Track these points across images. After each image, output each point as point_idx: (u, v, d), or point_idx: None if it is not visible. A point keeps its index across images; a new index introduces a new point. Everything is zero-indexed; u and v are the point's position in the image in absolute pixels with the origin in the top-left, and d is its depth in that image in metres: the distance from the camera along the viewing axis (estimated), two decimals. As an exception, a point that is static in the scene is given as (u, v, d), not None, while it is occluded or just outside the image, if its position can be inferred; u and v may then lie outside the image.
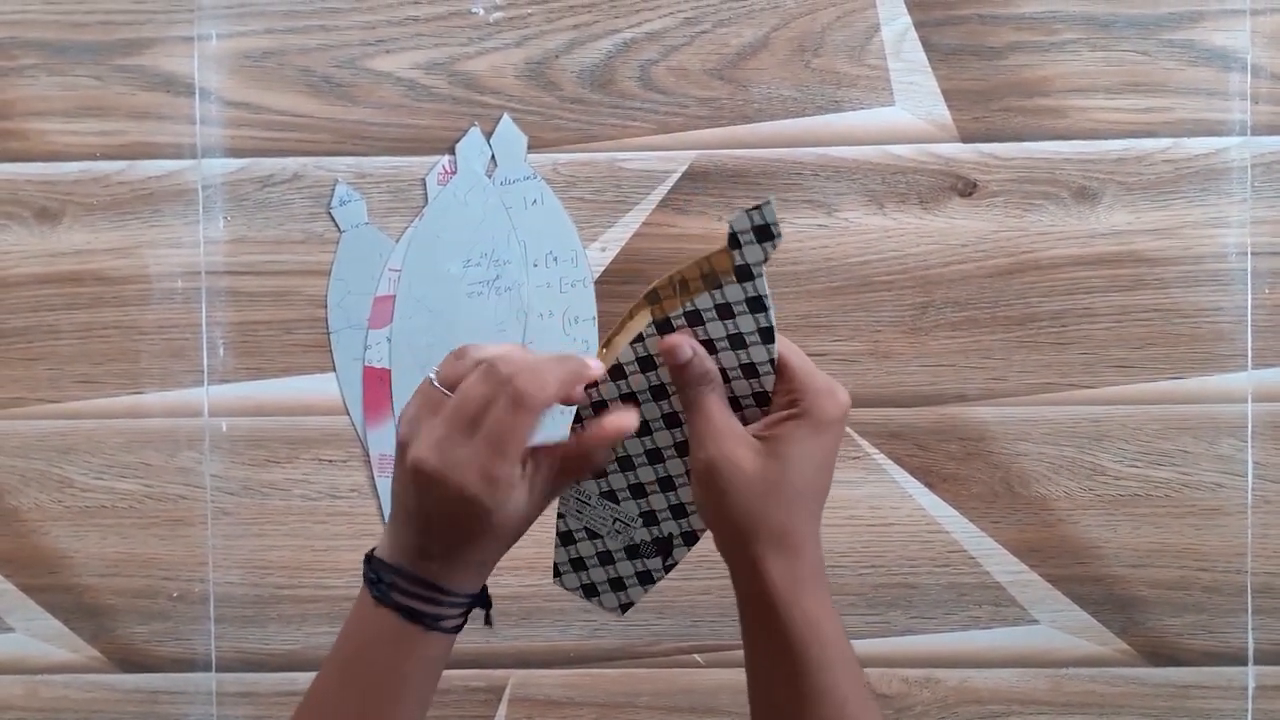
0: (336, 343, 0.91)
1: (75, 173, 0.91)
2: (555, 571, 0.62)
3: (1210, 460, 0.89)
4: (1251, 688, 0.89)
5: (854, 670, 0.55)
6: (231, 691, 0.91)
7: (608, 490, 0.59)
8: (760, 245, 0.53)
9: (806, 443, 0.54)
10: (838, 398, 0.55)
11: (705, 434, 0.54)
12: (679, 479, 0.58)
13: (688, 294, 0.54)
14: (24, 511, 0.92)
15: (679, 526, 0.59)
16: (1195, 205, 0.88)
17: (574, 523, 0.60)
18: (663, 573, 0.60)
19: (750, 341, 0.55)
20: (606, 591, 0.61)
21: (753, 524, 0.54)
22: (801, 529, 0.54)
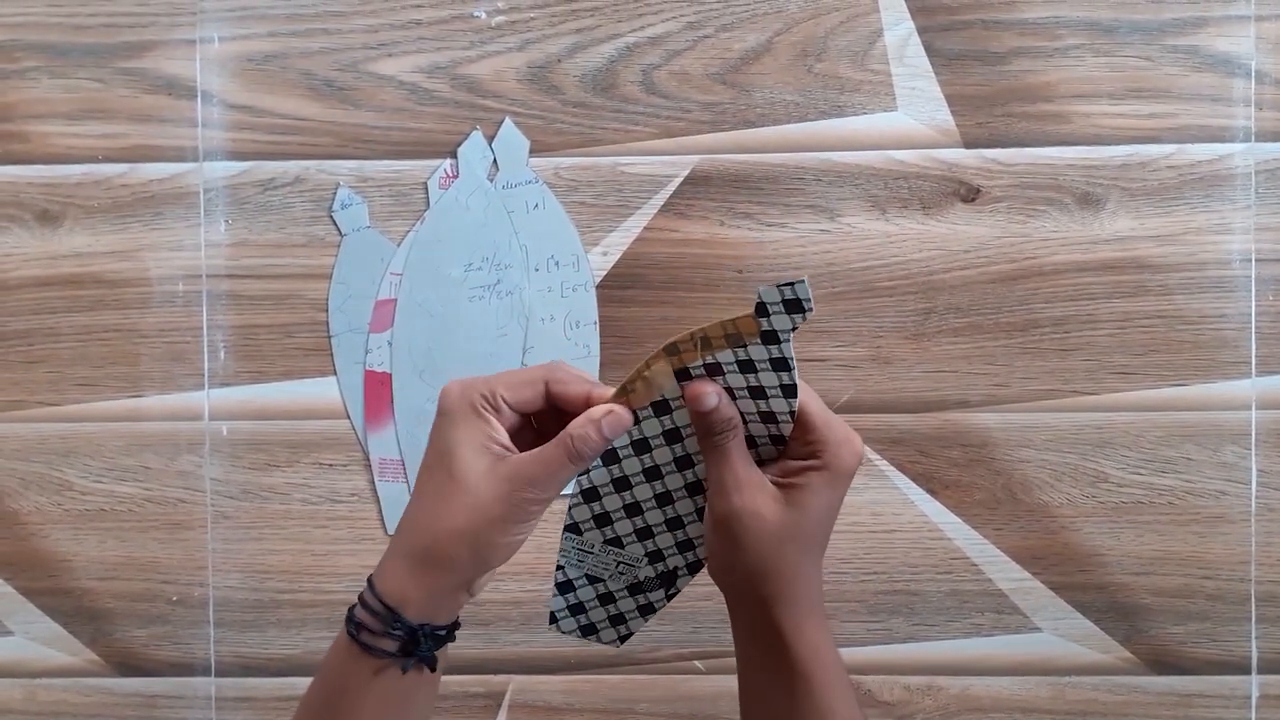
0: (337, 346, 0.90)
1: (77, 175, 0.91)
2: (551, 619, 0.62)
3: (1214, 468, 0.88)
4: (1255, 697, 0.89)
5: (850, 698, 0.58)
6: (230, 696, 0.91)
7: (612, 537, 0.58)
8: (789, 316, 0.53)
9: (824, 493, 0.56)
10: (854, 448, 0.56)
11: (728, 483, 0.55)
12: (688, 517, 0.58)
13: (709, 350, 0.54)
14: (23, 514, 0.91)
15: (684, 559, 0.59)
16: (1199, 211, 0.88)
17: (574, 571, 0.60)
18: (664, 602, 0.61)
19: (771, 394, 0.55)
20: (606, 628, 0.61)
21: (767, 569, 0.56)
22: (810, 570, 0.57)
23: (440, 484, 0.54)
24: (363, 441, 0.90)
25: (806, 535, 0.56)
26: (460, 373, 0.89)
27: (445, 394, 0.55)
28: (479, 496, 0.53)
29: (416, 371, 0.90)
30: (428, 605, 0.54)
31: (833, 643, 0.57)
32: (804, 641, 0.56)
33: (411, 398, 0.90)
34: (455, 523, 0.53)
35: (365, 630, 0.54)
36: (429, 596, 0.54)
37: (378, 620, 0.54)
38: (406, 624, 0.54)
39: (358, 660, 0.54)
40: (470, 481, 0.53)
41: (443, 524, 0.54)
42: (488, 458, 0.54)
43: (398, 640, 0.54)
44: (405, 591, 0.54)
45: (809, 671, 0.56)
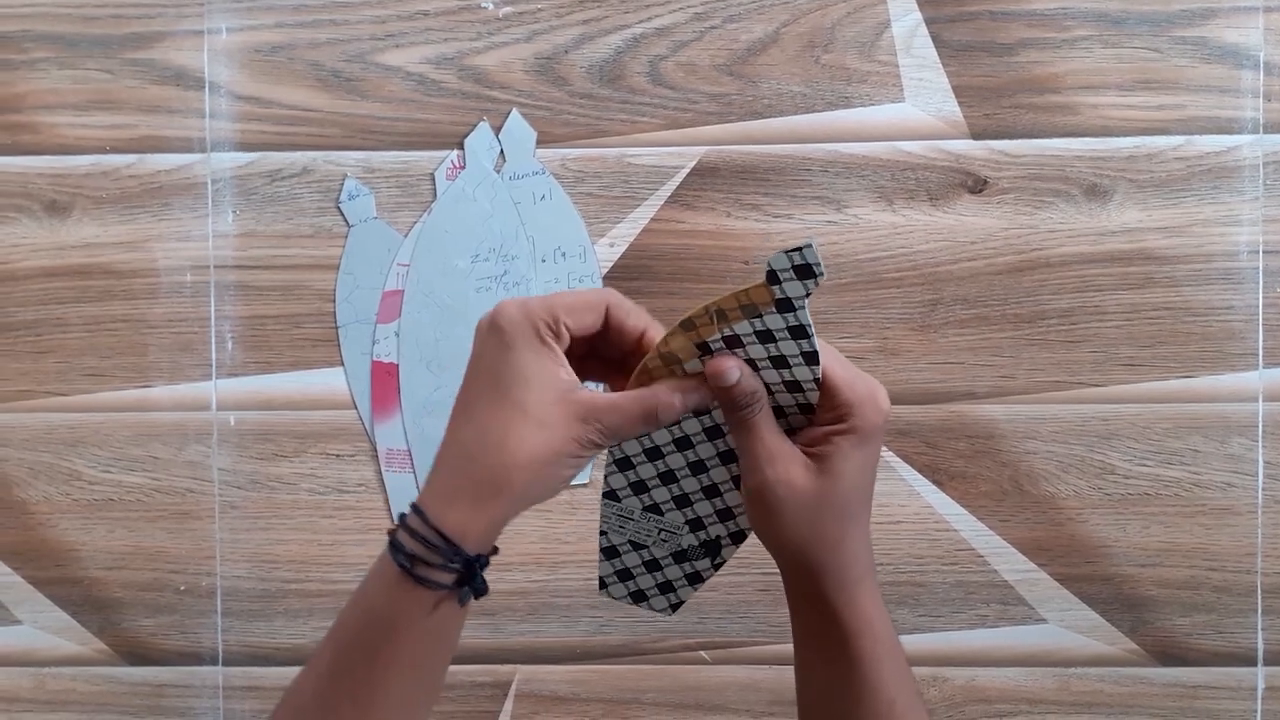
0: (344, 337, 0.91)
1: (85, 166, 0.91)
2: (601, 584, 0.61)
3: (1220, 459, 0.88)
4: (1261, 688, 0.89)
5: (903, 669, 0.56)
6: (238, 685, 0.92)
7: (650, 504, 0.58)
8: (801, 282, 0.52)
9: (855, 455, 0.54)
10: (879, 404, 0.55)
11: (758, 456, 0.54)
12: (724, 485, 0.58)
13: (725, 322, 0.53)
14: (32, 504, 0.92)
15: (726, 528, 0.59)
16: (1207, 203, 0.88)
17: (617, 538, 0.59)
18: (711, 571, 0.60)
19: (794, 363, 0.54)
20: (655, 595, 0.61)
21: (808, 538, 0.55)
22: (854, 534, 0.55)
23: (506, 414, 0.51)
24: (370, 432, 0.91)
25: (844, 501, 0.55)
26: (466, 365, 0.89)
27: (503, 314, 0.52)
28: (552, 430, 0.51)
29: (424, 362, 0.90)
30: (486, 536, 0.52)
31: (885, 613, 0.56)
32: (854, 612, 0.55)
33: (418, 388, 0.90)
34: (526, 455, 0.51)
35: (420, 562, 0.51)
36: (490, 527, 0.52)
37: (434, 552, 0.51)
38: (465, 556, 0.51)
39: (409, 592, 0.51)
40: (541, 414, 0.51)
41: (511, 455, 0.51)
42: (557, 389, 0.51)
43: (454, 572, 0.51)
44: (465, 524, 0.51)
45: (859, 643, 0.55)
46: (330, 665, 0.54)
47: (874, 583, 0.56)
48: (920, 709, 0.56)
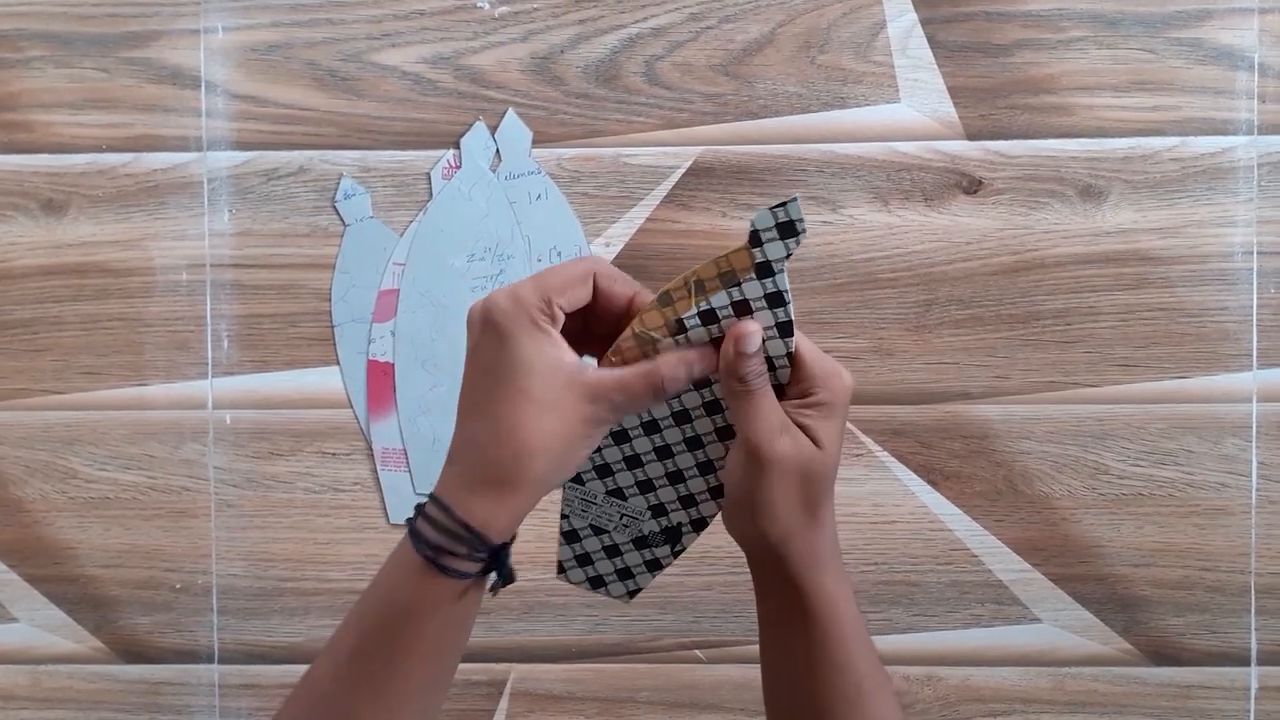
0: (340, 336, 0.91)
1: (81, 164, 0.91)
2: (560, 569, 0.61)
3: (1214, 460, 0.88)
4: (1254, 688, 0.89)
5: (870, 650, 0.57)
6: (234, 683, 0.92)
7: (614, 489, 0.58)
8: (783, 241, 0.52)
9: (827, 426, 0.55)
10: (844, 380, 0.56)
11: (773, 425, 0.54)
12: (688, 471, 0.58)
13: (703, 294, 0.53)
14: (28, 502, 0.92)
15: (688, 515, 0.59)
16: (1201, 204, 0.88)
17: (579, 521, 0.60)
18: (671, 559, 0.60)
19: (769, 336, 0.55)
20: (614, 581, 0.61)
21: (790, 506, 0.55)
22: (824, 504, 0.56)
23: (516, 404, 0.51)
24: (365, 431, 0.91)
25: (827, 474, 0.55)
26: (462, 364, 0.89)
27: (495, 306, 0.52)
28: (564, 415, 0.51)
29: (419, 361, 0.90)
30: (511, 526, 0.52)
31: (851, 596, 0.57)
32: (823, 594, 0.55)
33: (414, 388, 0.90)
34: (541, 442, 0.51)
35: (445, 553, 0.51)
36: (514, 518, 0.52)
37: (460, 543, 0.51)
38: (492, 546, 0.51)
39: (432, 581, 0.52)
40: (551, 400, 0.51)
41: (526, 444, 0.51)
42: (563, 373, 0.51)
43: (480, 562, 0.52)
44: (489, 515, 0.51)
45: (826, 624, 0.55)
46: (350, 652, 0.54)
47: (839, 563, 0.57)
48: (888, 689, 0.57)
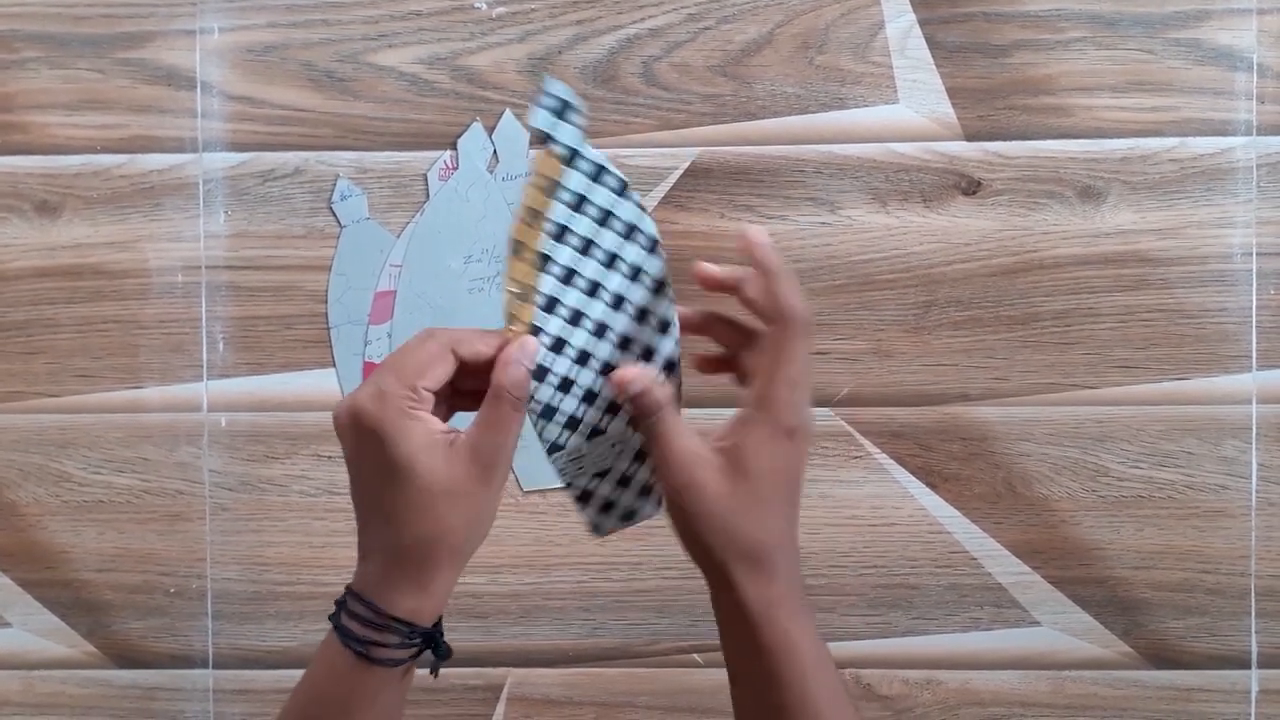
0: (337, 338, 0.90)
1: (76, 166, 0.91)
2: (593, 529, 0.60)
3: (1214, 462, 0.88)
4: (1255, 691, 0.89)
5: (833, 689, 0.54)
6: (228, 688, 0.91)
7: (591, 429, 0.57)
8: (568, 123, 0.52)
9: (766, 450, 0.53)
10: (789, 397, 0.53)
11: (666, 462, 0.53)
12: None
13: (540, 218, 0.53)
14: (22, 506, 0.91)
15: None
16: (1200, 205, 0.88)
17: (582, 479, 0.58)
18: None
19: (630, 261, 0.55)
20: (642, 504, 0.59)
21: (723, 543, 0.53)
22: (773, 543, 0.53)
23: (409, 496, 0.52)
24: (362, 433, 0.90)
25: (759, 502, 0.53)
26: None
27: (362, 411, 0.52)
28: (456, 489, 0.51)
29: (416, 363, 0.90)
30: (438, 606, 0.53)
31: (812, 633, 0.54)
32: (774, 630, 0.53)
33: (411, 390, 0.90)
34: (445, 523, 0.52)
35: (378, 646, 0.52)
36: (440, 598, 0.52)
37: (391, 634, 0.52)
38: (425, 632, 0.52)
39: (368, 673, 0.52)
40: (440, 480, 0.51)
41: (433, 530, 0.52)
42: (441, 450, 0.51)
43: (414, 648, 0.52)
44: (416, 604, 0.52)
45: (780, 661, 0.53)
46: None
47: (799, 601, 0.54)
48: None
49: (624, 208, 0.55)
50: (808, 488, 0.89)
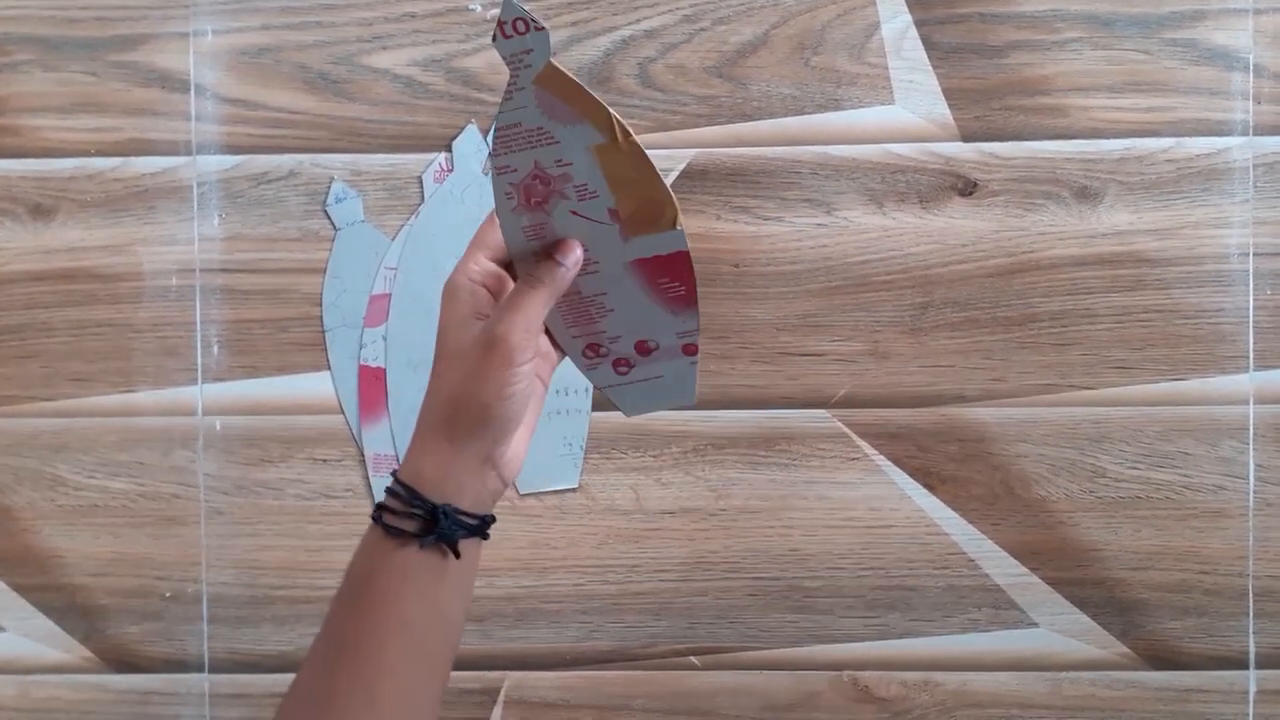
0: (332, 341, 0.90)
1: (69, 169, 0.90)
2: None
3: (1212, 463, 0.88)
4: (1253, 691, 0.89)
5: None
6: (224, 693, 0.91)
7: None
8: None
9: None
10: None
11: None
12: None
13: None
14: (16, 510, 0.91)
15: None
16: (1197, 206, 0.88)
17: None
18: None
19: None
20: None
21: None
22: None
23: (437, 366, 0.56)
24: (357, 437, 0.90)
25: None
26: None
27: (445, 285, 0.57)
28: (466, 358, 0.55)
29: (411, 366, 0.90)
30: (446, 481, 0.55)
31: None
32: None
33: (406, 393, 0.89)
34: (453, 391, 0.55)
35: (387, 511, 0.55)
36: (445, 470, 0.55)
37: (399, 501, 0.55)
38: (426, 502, 0.54)
39: (383, 544, 0.55)
40: (458, 349, 0.55)
41: (443, 395, 0.55)
42: (469, 323, 0.56)
43: (417, 520, 0.55)
44: (421, 469, 0.55)
45: None
46: (323, 632, 0.56)
47: None
48: None
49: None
50: (805, 489, 0.89)
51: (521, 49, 0.52)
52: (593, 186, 0.55)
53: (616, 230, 0.56)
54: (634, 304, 0.58)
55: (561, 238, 0.56)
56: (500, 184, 0.55)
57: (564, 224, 0.56)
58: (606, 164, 0.54)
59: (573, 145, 0.54)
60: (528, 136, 0.54)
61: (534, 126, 0.54)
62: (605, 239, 0.56)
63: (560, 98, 0.53)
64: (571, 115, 0.53)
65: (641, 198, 0.55)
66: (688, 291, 0.58)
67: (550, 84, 0.53)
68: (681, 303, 0.58)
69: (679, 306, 0.58)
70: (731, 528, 0.89)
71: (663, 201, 0.55)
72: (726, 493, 0.89)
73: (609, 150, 0.54)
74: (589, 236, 0.56)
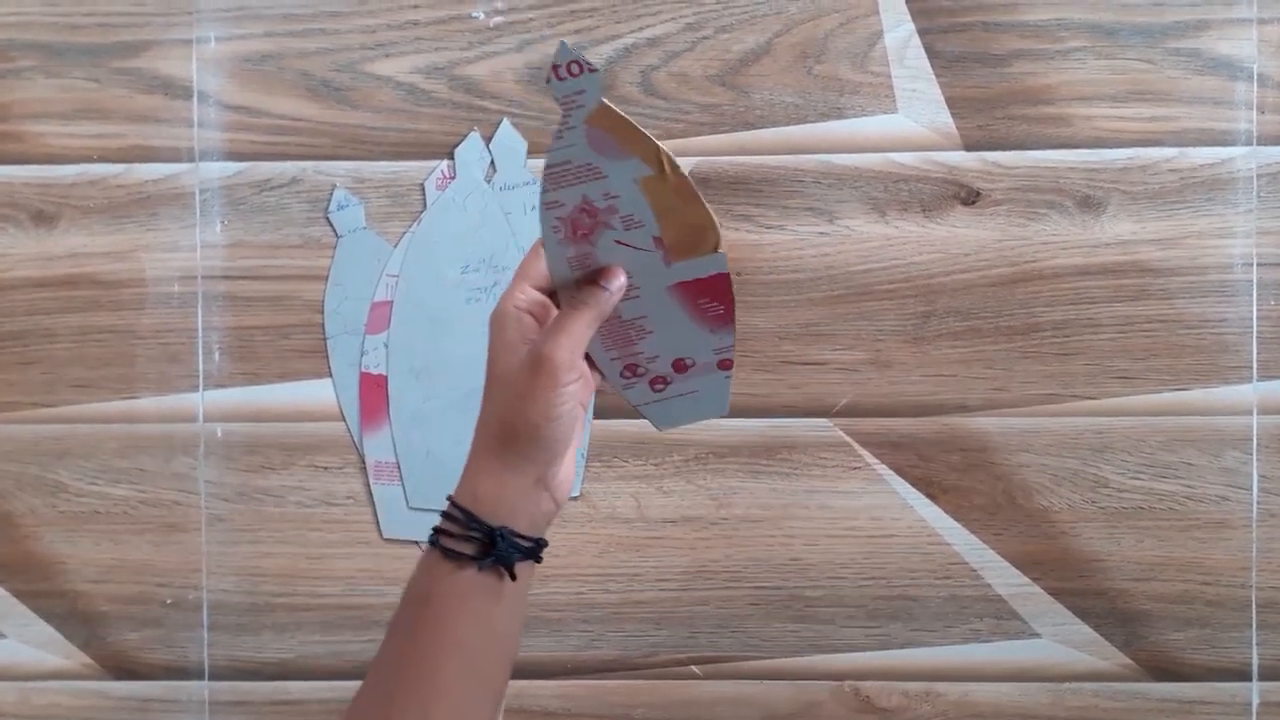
0: (333, 348, 0.90)
1: (72, 176, 0.90)
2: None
3: (1215, 473, 0.88)
4: (1255, 704, 0.88)
5: None
6: (224, 700, 0.91)
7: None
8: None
9: None
10: None
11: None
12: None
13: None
14: (17, 516, 0.91)
15: None
16: (1200, 215, 0.87)
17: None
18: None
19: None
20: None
21: None
22: None
23: (488, 390, 0.58)
24: (358, 444, 0.90)
25: None
26: (456, 375, 0.88)
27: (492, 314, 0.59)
28: (508, 377, 0.56)
29: (413, 374, 0.89)
30: (501, 503, 0.56)
31: None
32: None
33: (407, 400, 0.89)
34: (503, 413, 0.56)
35: (444, 535, 0.56)
36: (500, 492, 0.56)
37: (455, 524, 0.56)
38: (484, 525, 0.55)
39: (441, 566, 0.56)
40: (506, 373, 0.57)
41: (494, 418, 0.57)
42: (517, 347, 0.57)
43: (475, 542, 0.55)
44: (477, 491, 0.56)
45: None
46: (381, 647, 0.57)
47: None
48: None
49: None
50: (807, 498, 0.89)
51: (575, 90, 0.54)
52: (639, 216, 0.57)
53: (660, 256, 0.58)
54: (673, 324, 0.60)
55: (605, 265, 0.58)
56: (548, 218, 0.57)
57: (608, 253, 0.57)
58: (653, 195, 0.56)
59: (621, 179, 0.56)
60: (577, 172, 0.56)
61: (583, 163, 0.56)
62: (648, 265, 0.58)
63: (610, 134, 0.55)
64: (620, 151, 0.55)
65: (686, 225, 0.57)
66: (726, 311, 0.60)
67: (601, 122, 0.55)
68: (720, 321, 0.60)
69: (717, 325, 0.60)
70: (733, 537, 0.89)
71: (706, 227, 0.57)
72: (728, 501, 0.89)
73: (656, 182, 0.56)
74: (632, 263, 0.58)
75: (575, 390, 0.56)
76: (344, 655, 0.90)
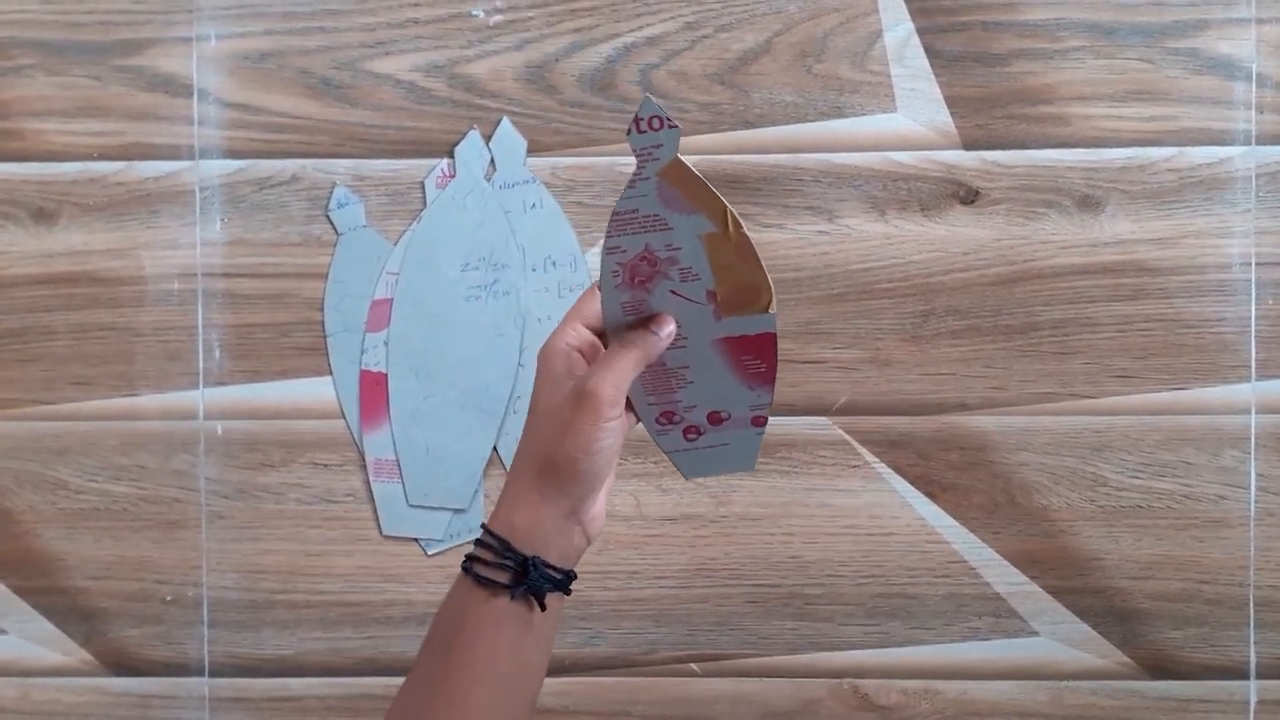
0: (333, 346, 0.90)
1: (72, 173, 0.90)
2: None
3: (1213, 472, 0.88)
4: (1253, 702, 0.88)
5: None
6: (224, 697, 0.91)
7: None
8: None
9: None
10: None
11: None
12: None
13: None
14: (17, 513, 0.91)
15: None
16: (1199, 215, 0.88)
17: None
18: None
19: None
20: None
21: None
22: None
23: (530, 420, 0.59)
24: (358, 441, 0.90)
25: None
26: (456, 372, 0.89)
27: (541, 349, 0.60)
28: (552, 410, 0.58)
29: (412, 371, 0.90)
30: (535, 534, 0.57)
31: None
32: None
33: (407, 398, 0.89)
34: (543, 445, 0.58)
35: (478, 562, 0.57)
36: (534, 522, 0.57)
37: (490, 552, 0.57)
38: (517, 554, 0.57)
39: (474, 593, 0.57)
40: (550, 405, 0.58)
41: (534, 449, 0.58)
42: (563, 382, 0.58)
43: (508, 571, 0.57)
44: (513, 521, 0.58)
45: None
46: (413, 672, 0.58)
47: None
48: None
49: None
50: (806, 496, 0.89)
51: (653, 144, 0.56)
52: (697, 270, 0.58)
53: (711, 310, 0.59)
54: (714, 377, 0.61)
55: (657, 313, 0.59)
56: (609, 262, 0.58)
57: (662, 301, 0.59)
58: (713, 251, 0.58)
59: (684, 232, 0.58)
60: (643, 222, 0.58)
61: (650, 214, 0.57)
62: (698, 317, 0.60)
63: (680, 189, 0.57)
64: (688, 205, 0.57)
65: (741, 283, 0.59)
66: (768, 370, 0.61)
67: (673, 176, 0.56)
68: (761, 379, 0.62)
69: (757, 382, 0.62)
70: (732, 534, 0.89)
71: (760, 288, 0.59)
72: (727, 499, 0.89)
73: (718, 239, 0.58)
74: (683, 314, 0.60)
75: (616, 427, 0.58)
76: (344, 652, 0.91)
